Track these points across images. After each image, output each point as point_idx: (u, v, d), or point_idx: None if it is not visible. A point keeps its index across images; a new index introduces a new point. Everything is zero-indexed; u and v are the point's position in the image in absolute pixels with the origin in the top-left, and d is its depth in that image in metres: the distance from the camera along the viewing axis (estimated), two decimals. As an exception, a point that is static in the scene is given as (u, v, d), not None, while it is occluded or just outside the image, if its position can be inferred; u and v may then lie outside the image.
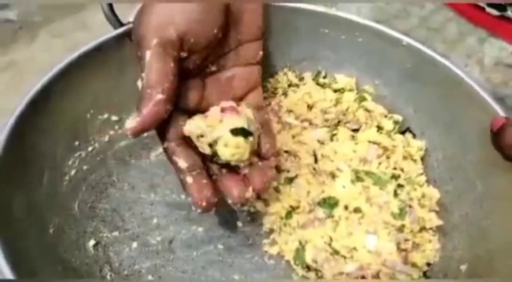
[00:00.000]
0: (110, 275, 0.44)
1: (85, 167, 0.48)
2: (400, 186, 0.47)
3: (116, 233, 0.47)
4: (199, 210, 0.38)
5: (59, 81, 0.45)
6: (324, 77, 0.55)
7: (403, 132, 0.52)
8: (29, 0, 0.63)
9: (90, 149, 0.48)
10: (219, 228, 0.49)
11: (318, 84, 0.54)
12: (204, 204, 0.38)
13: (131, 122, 0.35)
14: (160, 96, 0.35)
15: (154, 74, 0.35)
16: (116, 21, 0.46)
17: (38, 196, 0.42)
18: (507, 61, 0.52)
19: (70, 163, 0.46)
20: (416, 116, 0.52)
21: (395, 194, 0.46)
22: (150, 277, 0.45)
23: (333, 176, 0.48)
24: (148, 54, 0.35)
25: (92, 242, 0.45)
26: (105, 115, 0.49)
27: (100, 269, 0.43)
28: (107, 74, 0.48)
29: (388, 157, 0.49)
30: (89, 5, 0.65)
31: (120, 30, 0.46)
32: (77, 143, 0.47)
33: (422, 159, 0.51)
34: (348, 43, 0.53)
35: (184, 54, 0.37)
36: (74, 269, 0.41)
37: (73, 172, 0.46)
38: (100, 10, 0.47)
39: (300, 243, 0.46)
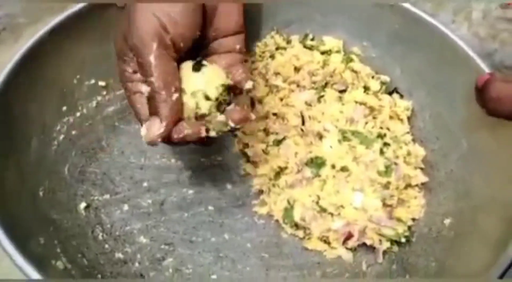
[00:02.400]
0: (102, 236, 0.44)
1: (73, 132, 0.48)
2: (386, 144, 0.47)
3: (107, 196, 0.47)
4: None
5: (43, 46, 0.45)
6: (312, 39, 0.55)
7: (390, 93, 0.52)
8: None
9: (78, 114, 0.48)
10: (209, 190, 0.50)
11: (305, 47, 0.54)
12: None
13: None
14: (176, 95, 0.36)
15: (164, 75, 0.36)
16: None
17: (26, 160, 0.42)
18: (496, 13, 0.51)
19: (58, 128, 0.46)
20: (403, 77, 0.52)
21: (381, 152, 0.47)
22: (142, 238, 0.46)
23: (320, 136, 0.48)
24: (152, 58, 0.36)
25: (83, 205, 0.45)
26: (92, 81, 0.49)
27: (92, 230, 0.44)
28: (92, 40, 0.48)
29: (374, 117, 0.49)
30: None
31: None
32: (64, 108, 0.47)
33: (409, 118, 0.51)
34: (335, 5, 0.53)
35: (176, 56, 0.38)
36: (66, 229, 0.42)
37: (61, 137, 0.47)
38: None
39: (289, 202, 0.47)
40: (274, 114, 0.51)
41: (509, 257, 0.37)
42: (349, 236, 0.45)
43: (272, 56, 0.53)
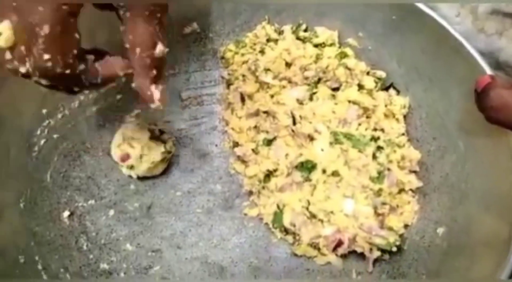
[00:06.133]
0: (87, 245, 0.44)
1: (55, 135, 0.46)
2: (379, 148, 0.45)
3: (92, 202, 0.46)
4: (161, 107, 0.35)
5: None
6: (305, 30, 0.52)
7: (386, 88, 0.50)
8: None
9: (59, 116, 0.46)
10: (198, 191, 0.49)
11: (298, 38, 0.51)
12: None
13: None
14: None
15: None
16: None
17: (5, 171, 0.41)
18: (506, 10, 0.47)
19: (38, 133, 0.45)
20: (400, 71, 0.50)
21: (374, 157, 0.45)
22: (128, 245, 0.45)
23: (311, 138, 0.46)
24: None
25: (66, 213, 0.44)
26: (73, 80, 0.47)
27: (76, 240, 0.44)
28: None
29: (368, 117, 0.47)
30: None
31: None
32: (44, 111, 0.45)
33: (405, 116, 0.49)
34: (329, -7, 0.49)
35: None
36: (48, 242, 0.41)
37: (42, 142, 0.45)
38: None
39: (278, 206, 0.46)
40: (265, 112, 0.49)
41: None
42: (339, 243, 0.44)
43: (262, 51, 0.50)
